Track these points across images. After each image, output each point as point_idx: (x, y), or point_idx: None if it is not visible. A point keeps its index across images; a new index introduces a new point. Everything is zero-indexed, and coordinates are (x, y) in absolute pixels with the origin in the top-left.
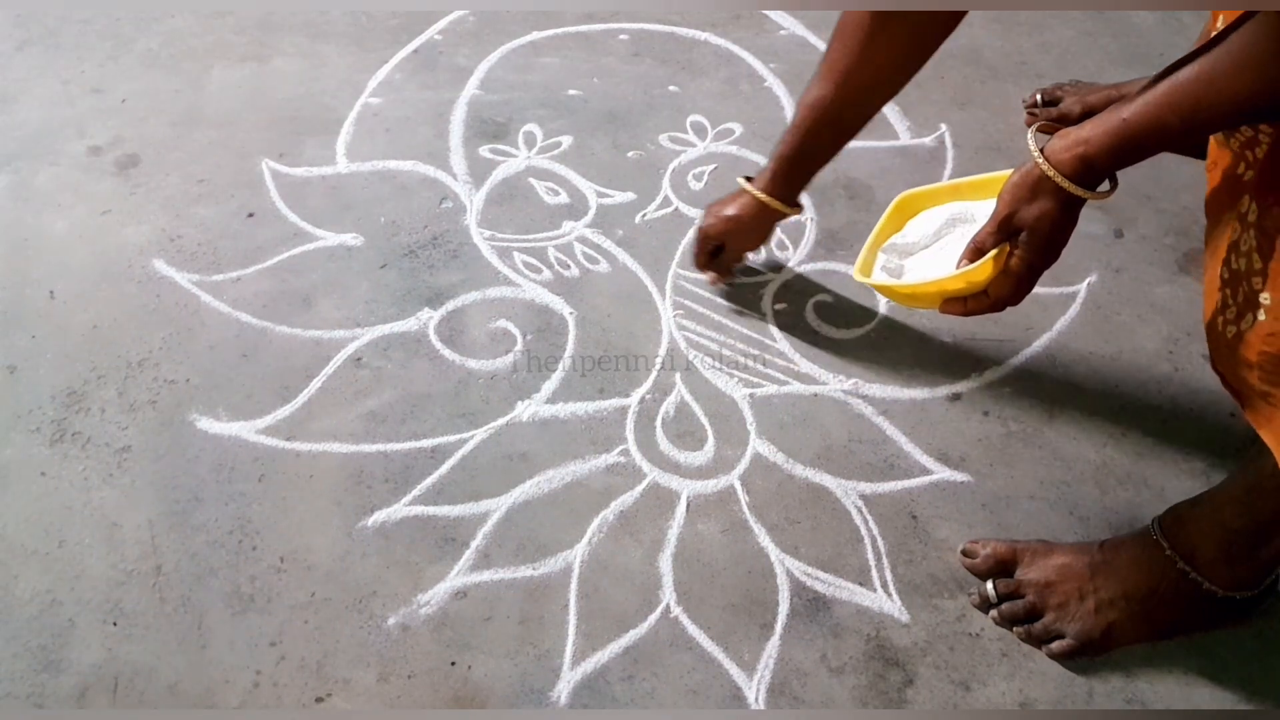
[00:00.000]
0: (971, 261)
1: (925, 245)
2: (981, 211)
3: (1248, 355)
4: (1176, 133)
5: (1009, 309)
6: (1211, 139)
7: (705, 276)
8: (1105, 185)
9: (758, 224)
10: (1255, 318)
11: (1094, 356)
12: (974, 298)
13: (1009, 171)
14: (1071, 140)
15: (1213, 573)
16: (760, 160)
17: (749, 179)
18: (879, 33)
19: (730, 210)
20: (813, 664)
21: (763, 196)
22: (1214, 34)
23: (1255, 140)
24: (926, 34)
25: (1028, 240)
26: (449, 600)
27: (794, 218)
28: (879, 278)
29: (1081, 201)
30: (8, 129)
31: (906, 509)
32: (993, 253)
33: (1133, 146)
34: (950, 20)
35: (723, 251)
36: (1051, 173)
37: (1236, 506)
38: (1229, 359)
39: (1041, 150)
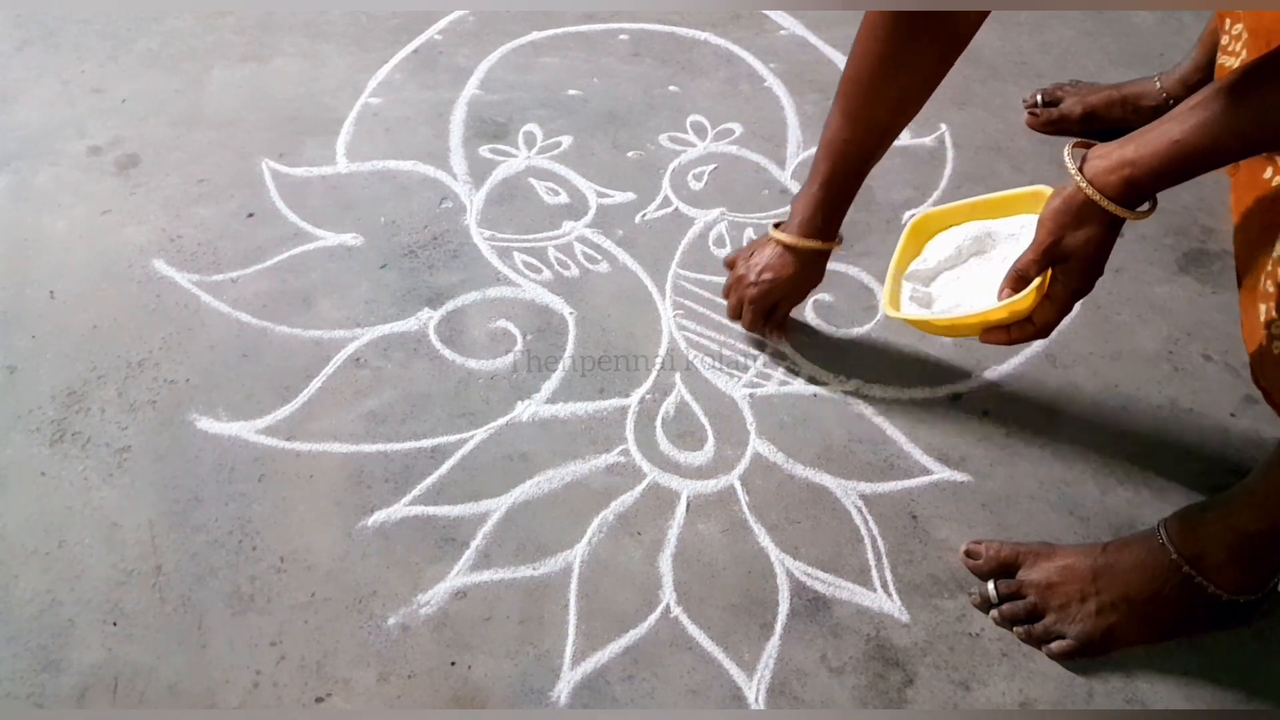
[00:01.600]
0: (1015, 290)
1: (949, 268)
2: (1005, 231)
3: None
4: (1235, 154)
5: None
6: None
7: (772, 339)
8: (1146, 205)
9: (811, 270)
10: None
11: (1094, 356)
12: (1018, 325)
13: (1027, 190)
14: (1115, 161)
15: (1220, 577)
16: (759, 160)
17: (780, 229)
18: (898, 67)
19: (777, 270)
20: (813, 664)
21: (809, 244)
22: (1225, 38)
23: None
24: (946, 54)
25: (1074, 266)
26: (449, 600)
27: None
28: (910, 310)
29: (1123, 221)
30: (8, 129)
31: (906, 509)
32: (1036, 281)
33: (1186, 168)
34: (968, 33)
35: (778, 307)
36: (1097, 197)
37: (1255, 511)
38: (1275, 374)
39: (1080, 170)
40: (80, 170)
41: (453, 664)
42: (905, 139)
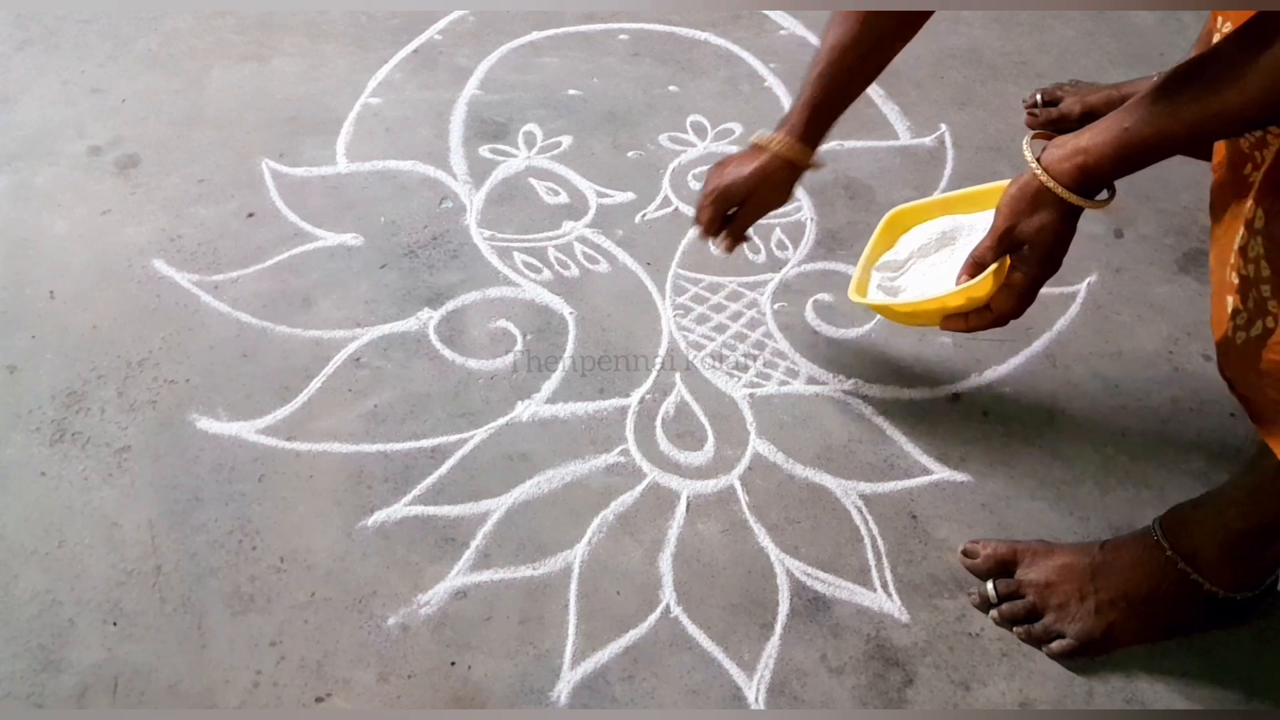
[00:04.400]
0: (971, 276)
1: (919, 261)
2: (974, 225)
3: (1258, 363)
4: (1181, 142)
5: (1011, 322)
6: None
7: (716, 243)
8: (1104, 194)
9: (784, 180)
10: (1265, 325)
11: (1094, 356)
12: (976, 313)
13: (999, 184)
14: (1070, 150)
15: (1214, 574)
16: None
17: (762, 135)
18: None
19: (751, 167)
20: (813, 664)
21: (789, 150)
22: (1216, 36)
23: (1264, 141)
24: None
25: (1029, 253)
26: (449, 600)
27: (794, 215)
28: (875, 297)
29: (1080, 210)
30: (8, 129)
31: (906, 509)
32: (993, 267)
33: (1135, 156)
34: None
35: (737, 213)
36: (1051, 184)
37: (1239, 508)
38: (1238, 365)
39: (1039, 160)
40: (80, 170)
41: (453, 664)
42: (905, 139)
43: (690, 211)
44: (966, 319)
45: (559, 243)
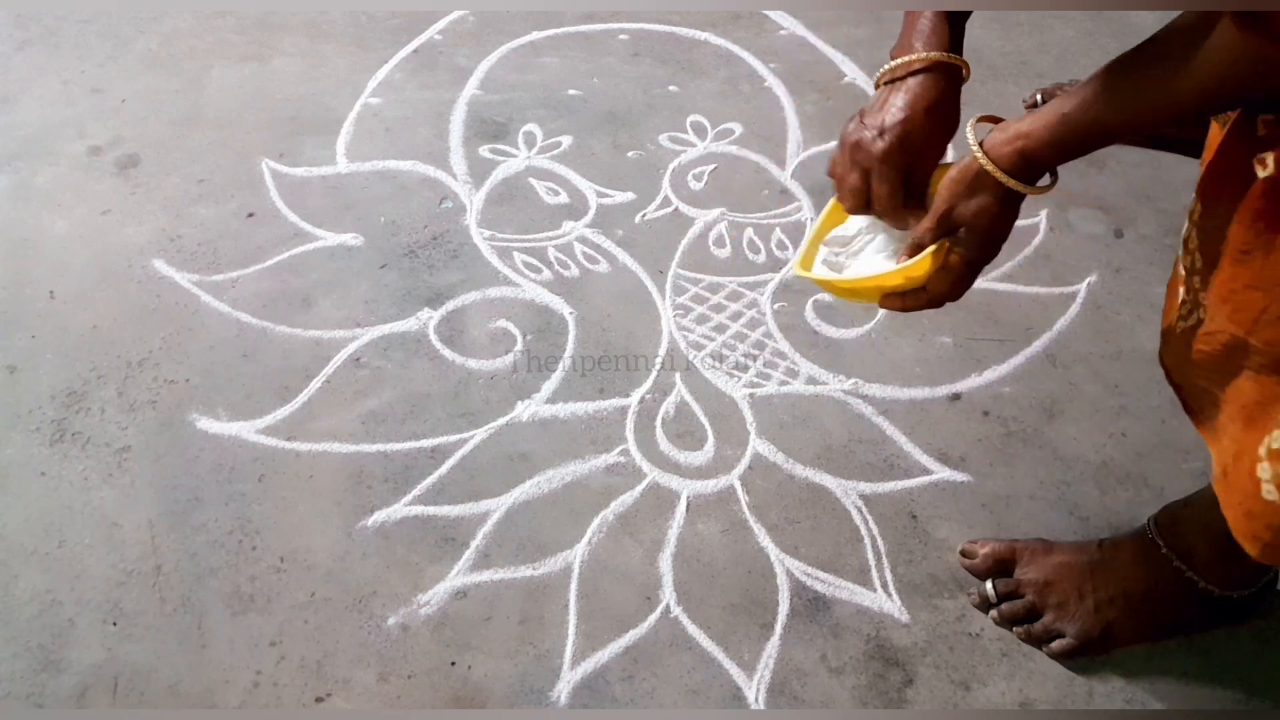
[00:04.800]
0: (910, 257)
1: (868, 239)
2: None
3: (1190, 353)
4: (1116, 129)
5: (949, 304)
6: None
7: (912, 221)
8: (1046, 180)
9: (951, 105)
10: (1199, 315)
11: (1094, 356)
12: (912, 293)
13: (949, 163)
14: (1011, 134)
15: (1208, 572)
16: (759, 160)
17: (886, 68)
18: None
19: (910, 110)
20: (813, 664)
21: (943, 57)
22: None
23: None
24: None
25: (966, 236)
26: (449, 600)
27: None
28: (819, 272)
29: (1022, 196)
30: (8, 129)
31: (906, 509)
32: (931, 248)
33: (1073, 142)
34: None
35: (914, 172)
36: (990, 167)
37: None
38: (1175, 353)
39: (980, 144)
40: (80, 170)
41: (453, 664)
42: None
43: (690, 212)
44: (903, 299)
45: (559, 243)
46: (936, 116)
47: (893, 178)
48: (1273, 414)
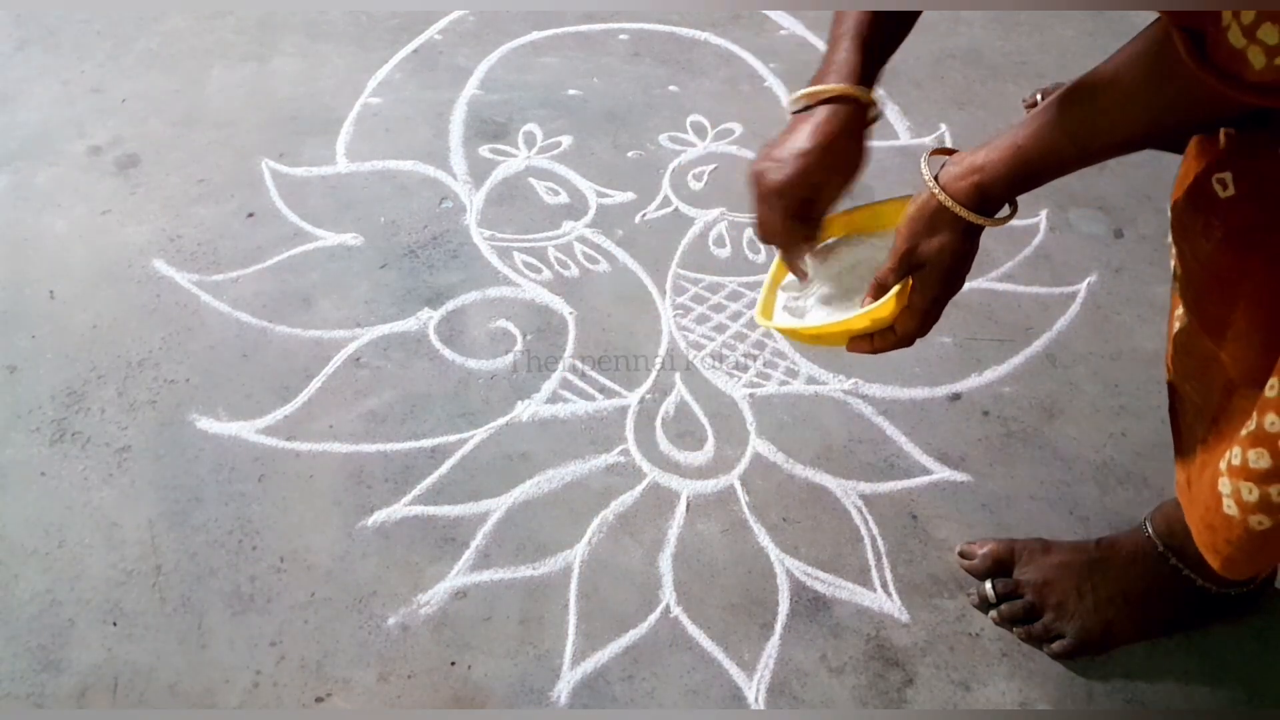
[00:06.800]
0: (875, 299)
1: (826, 280)
2: (879, 241)
3: (1183, 358)
4: (1071, 159)
5: (919, 341)
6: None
7: (800, 260)
8: (1005, 210)
9: (855, 133)
10: (1187, 321)
11: (1094, 356)
12: (880, 335)
13: (901, 197)
14: (966, 167)
15: (1204, 569)
16: None
17: (801, 95)
18: None
19: (810, 142)
20: (813, 664)
21: (851, 92)
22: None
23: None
24: None
25: (929, 274)
26: (449, 600)
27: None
28: (781, 319)
29: (981, 229)
30: (8, 129)
31: (906, 509)
32: (895, 289)
33: (1028, 173)
34: None
35: (814, 203)
36: (949, 203)
37: None
38: (1173, 356)
39: (936, 178)
40: (80, 170)
41: (453, 664)
42: (905, 139)
43: (690, 212)
44: (872, 341)
45: (559, 243)
46: (838, 150)
47: (784, 209)
48: (1237, 429)
